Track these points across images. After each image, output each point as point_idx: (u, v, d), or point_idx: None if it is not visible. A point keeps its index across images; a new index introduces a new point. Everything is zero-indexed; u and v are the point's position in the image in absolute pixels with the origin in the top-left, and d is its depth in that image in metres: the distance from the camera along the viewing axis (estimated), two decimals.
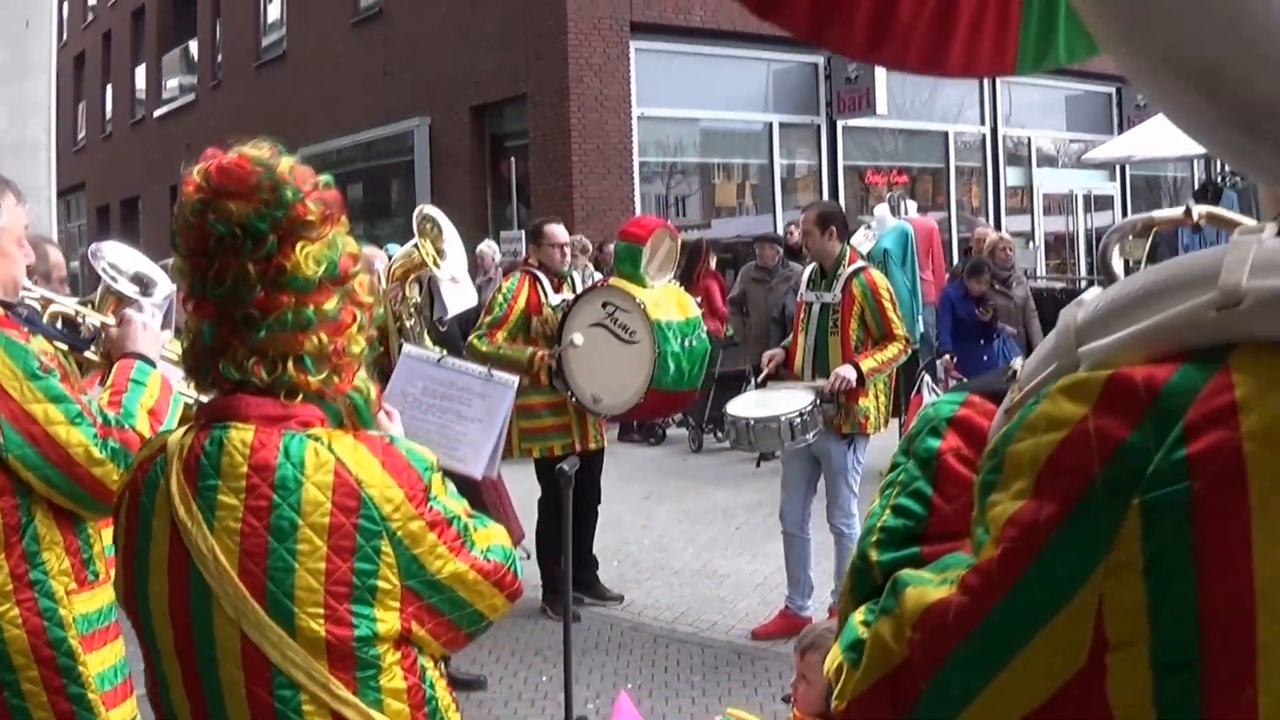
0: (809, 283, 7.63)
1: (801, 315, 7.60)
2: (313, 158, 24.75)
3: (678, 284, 7.98)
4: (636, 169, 18.27)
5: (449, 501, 2.35)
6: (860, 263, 7.59)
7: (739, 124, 19.78)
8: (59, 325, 3.76)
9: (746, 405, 7.39)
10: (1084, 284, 12.25)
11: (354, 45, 23.64)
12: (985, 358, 10.80)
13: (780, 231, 17.13)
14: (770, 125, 19.66)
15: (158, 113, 34.87)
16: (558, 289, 7.97)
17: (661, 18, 18.15)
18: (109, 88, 39.71)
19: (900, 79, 19.60)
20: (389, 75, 22.37)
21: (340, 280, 2.34)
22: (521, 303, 7.72)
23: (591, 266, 13.58)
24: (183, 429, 2.36)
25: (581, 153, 17.57)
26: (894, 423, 8.47)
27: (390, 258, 7.09)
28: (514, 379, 5.47)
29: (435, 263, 6.43)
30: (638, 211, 17.82)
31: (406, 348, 5.25)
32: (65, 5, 40.44)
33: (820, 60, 19.68)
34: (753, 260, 13.93)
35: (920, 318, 12.73)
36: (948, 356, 10.97)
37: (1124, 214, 21.96)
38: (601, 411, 7.62)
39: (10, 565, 3.06)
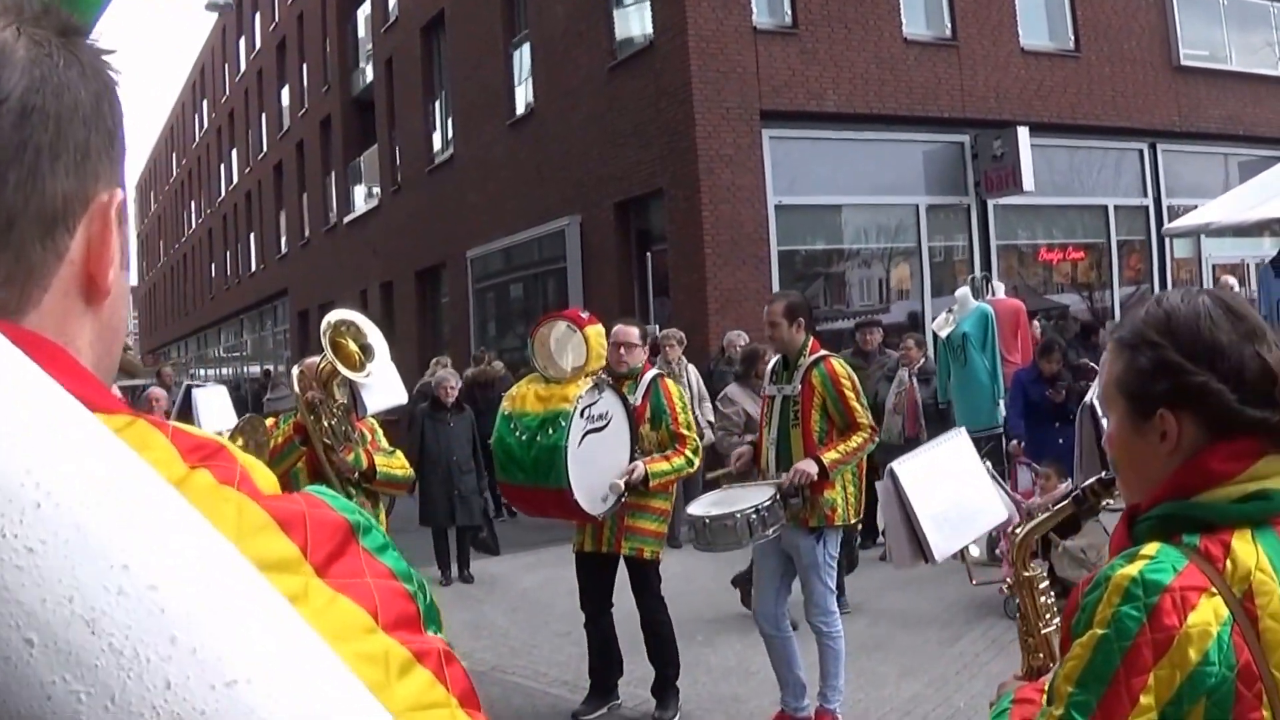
0: (772, 375, 7.82)
1: (765, 410, 7.79)
2: (482, 258, 25.73)
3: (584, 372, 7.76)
4: (774, 259, 18.72)
5: None
6: (821, 352, 7.66)
7: (884, 208, 20.19)
8: None
9: (704, 504, 7.52)
10: None
11: (511, 147, 24.68)
12: (1060, 441, 10.50)
13: (931, 318, 18.04)
14: (917, 208, 20.17)
15: (348, 218, 36.64)
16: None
17: (793, 104, 18.71)
18: (304, 196, 41.45)
19: (1047, 154, 20.20)
20: (542, 175, 23.24)
21: None
22: None
23: (685, 360, 14.02)
24: None
25: (715, 244, 18.14)
26: None
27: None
28: None
29: (358, 366, 6.85)
30: None
31: None
32: (264, 116, 45.04)
33: (966, 139, 20.18)
34: (851, 347, 14.65)
35: (1001, 402, 12.57)
36: (1015, 442, 10.74)
37: None
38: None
39: None
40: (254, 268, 50.26)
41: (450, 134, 28.85)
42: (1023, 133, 19.45)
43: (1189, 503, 2.07)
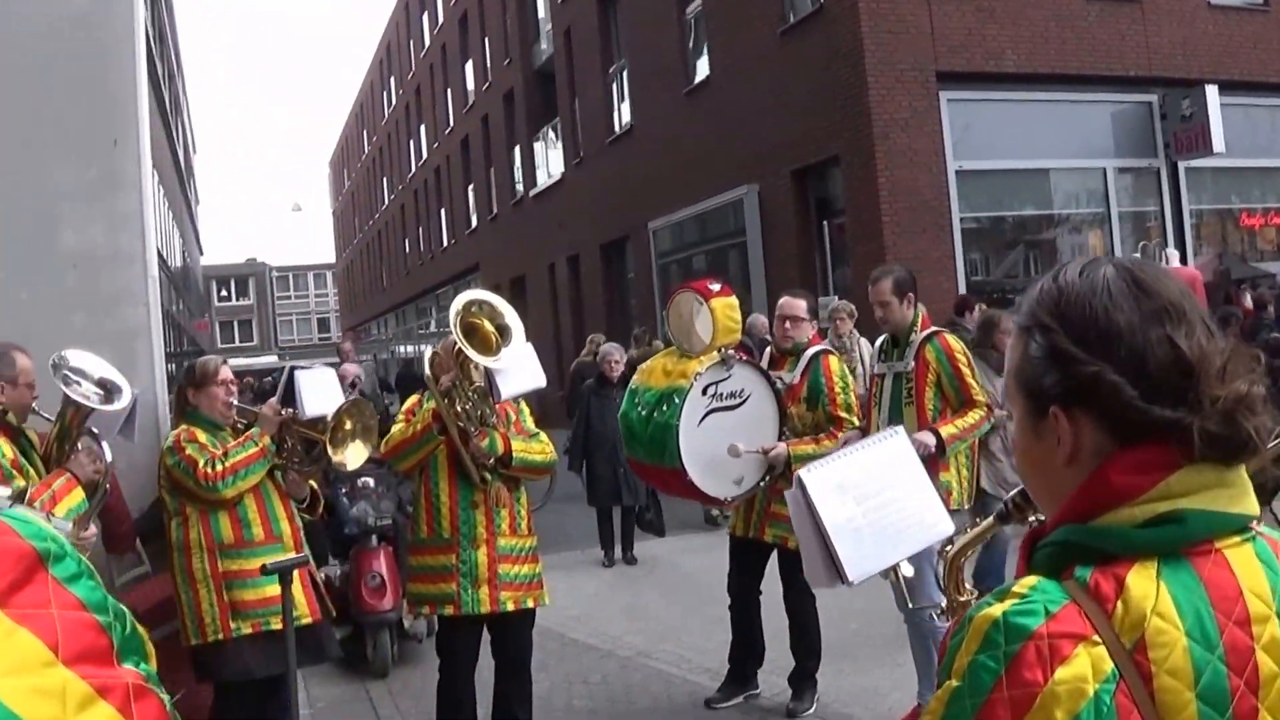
0: (880, 354, 7.63)
1: (874, 390, 7.59)
2: (663, 230, 25.85)
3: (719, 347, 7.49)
4: (956, 225, 18.33)
5: None
6: (933, 327, 7.46)
7: (1070, 172, 19.70)
8: None
9: None
10: None
11: (689, 116, 24.74)
12: None
13: None
14: (1105, 171, 19.61)
15: (533, 192, 37.06)
16: (778, 365, 8.09)
17: (970, 65, 18.34)
18: (491, 170, 42.44)
19: (1240, 114, 19.50)
20: (719, 144, 23.19)
21: None
22: None
23: (857, 334, 13.96)
24: None
25: (892, 212, 17.86)
26: None
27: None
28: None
29: (493, 348, 6.78)
30: (958, 270, 18.19)
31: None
32: (450, 92, 46.29)
33: (1154, 99, 19.58)
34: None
35: None
36: None
37: None
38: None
39: None
40: (446, 243, 51.15)
41: (629, 104, 28.95)
42: (1211, 91, 18.84)
43: (1087, 527, 1.69)
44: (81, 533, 5.68)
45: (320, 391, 7.06)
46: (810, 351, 8.00)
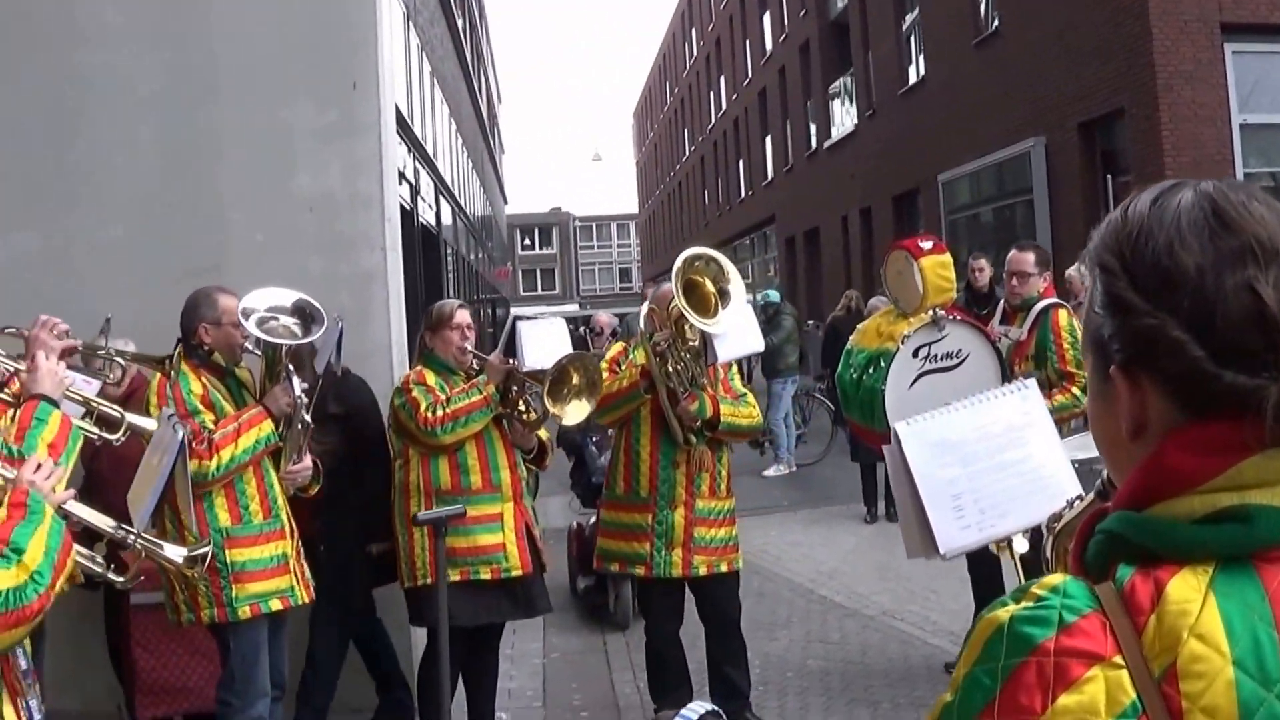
0: None
1: None
2: (953, 182, 26.11)
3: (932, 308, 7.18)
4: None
5: None
6: None
7: None
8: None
9: (1068, 447, 6.39)
10: None
11: (978, 67, 24.86)
12: None
13: None
14: None
15: (827, 144, 37.46)
16: (1009, 320, 8.18)
17: (1256, 16, 17.89)
18: (788, 122, 43.05)
19: None
20: (1008, 96, 23.28)
21: None
22: None
23: None
24: None
25: (1176, 166, 17.42)
26: None
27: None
28: (181, 433, 5.10)
29: (712, 310, 6.83)
30: None
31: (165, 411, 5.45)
32: (748, 42, 47.19)
33: None
34: None
35: None
36: None
37: None
38: None
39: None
40: (743, 194, 51.97)
41: (922, 55, 29.15)
42: None
43: (1135, 516, 1.37)
44: (290, 466, 6.15)
45: (544, 343, 7.15)
46: (1039, 306, 8.02)
